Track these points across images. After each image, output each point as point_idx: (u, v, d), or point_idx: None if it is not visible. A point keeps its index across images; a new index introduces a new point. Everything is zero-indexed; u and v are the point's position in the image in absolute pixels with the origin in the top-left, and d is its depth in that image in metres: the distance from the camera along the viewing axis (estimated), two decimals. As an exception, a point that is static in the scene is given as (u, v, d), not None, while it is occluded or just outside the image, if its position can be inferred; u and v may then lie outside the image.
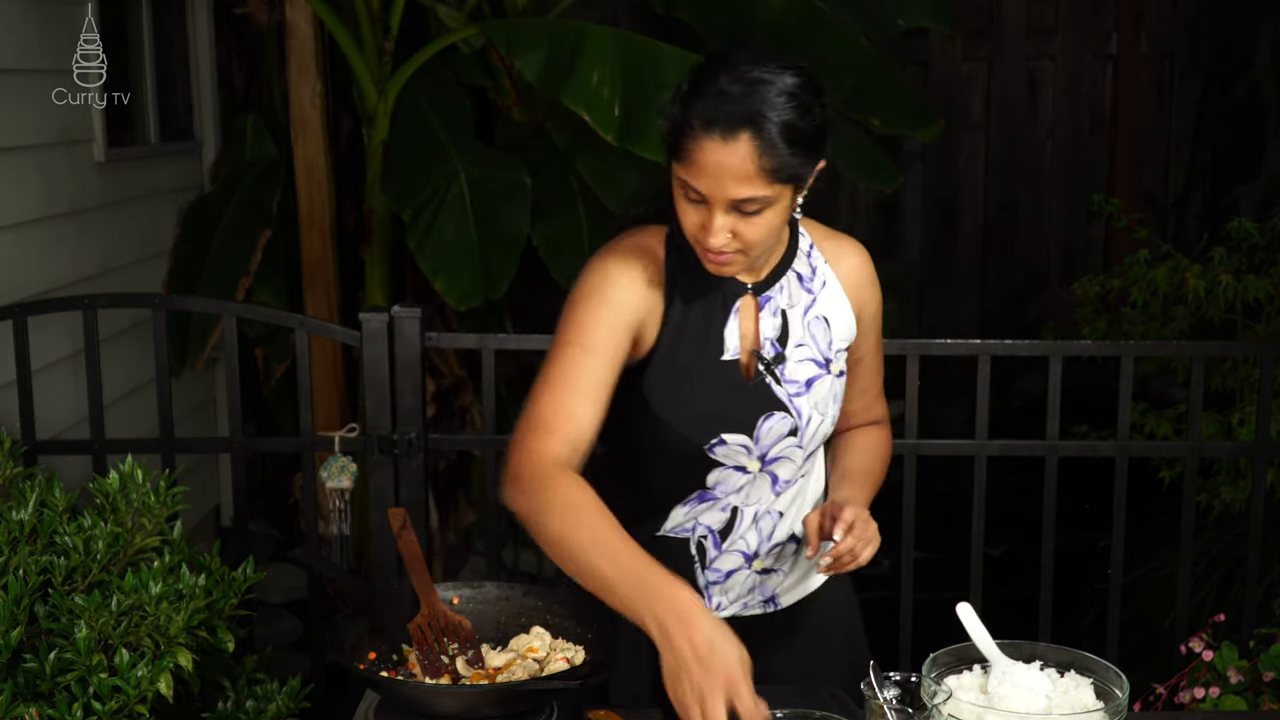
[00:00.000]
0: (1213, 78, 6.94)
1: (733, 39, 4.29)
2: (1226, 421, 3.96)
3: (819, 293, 1.88)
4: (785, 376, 1.83)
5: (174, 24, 4.80)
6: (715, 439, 1.81)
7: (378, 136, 4.31)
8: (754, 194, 1.66)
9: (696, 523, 1.88)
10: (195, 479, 4.28)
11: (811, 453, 1.90)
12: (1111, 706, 1.58)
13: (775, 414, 1.82)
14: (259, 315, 3.45)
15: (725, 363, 1.82)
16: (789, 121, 1.64)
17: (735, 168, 1.64)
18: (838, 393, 1.88)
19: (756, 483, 1.87)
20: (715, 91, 1.65)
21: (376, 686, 1.68)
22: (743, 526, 1.89)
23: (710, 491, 1.86)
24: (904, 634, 3.01)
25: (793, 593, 1.98)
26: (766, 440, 1.83)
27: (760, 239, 1.71)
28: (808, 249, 1.90)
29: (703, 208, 1.69)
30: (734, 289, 1.83)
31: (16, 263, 3.57)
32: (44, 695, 1.55)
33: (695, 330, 1.81)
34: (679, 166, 1.69)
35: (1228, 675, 2.23)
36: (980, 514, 2.99)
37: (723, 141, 1.63)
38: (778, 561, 1.94)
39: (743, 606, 1.95)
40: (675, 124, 1.68)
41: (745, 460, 1.84)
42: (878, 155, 4.49)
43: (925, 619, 2.89)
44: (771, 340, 1.84)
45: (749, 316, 1.84)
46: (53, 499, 1.78)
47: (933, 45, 6.97)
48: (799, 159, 1.67)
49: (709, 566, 1.90)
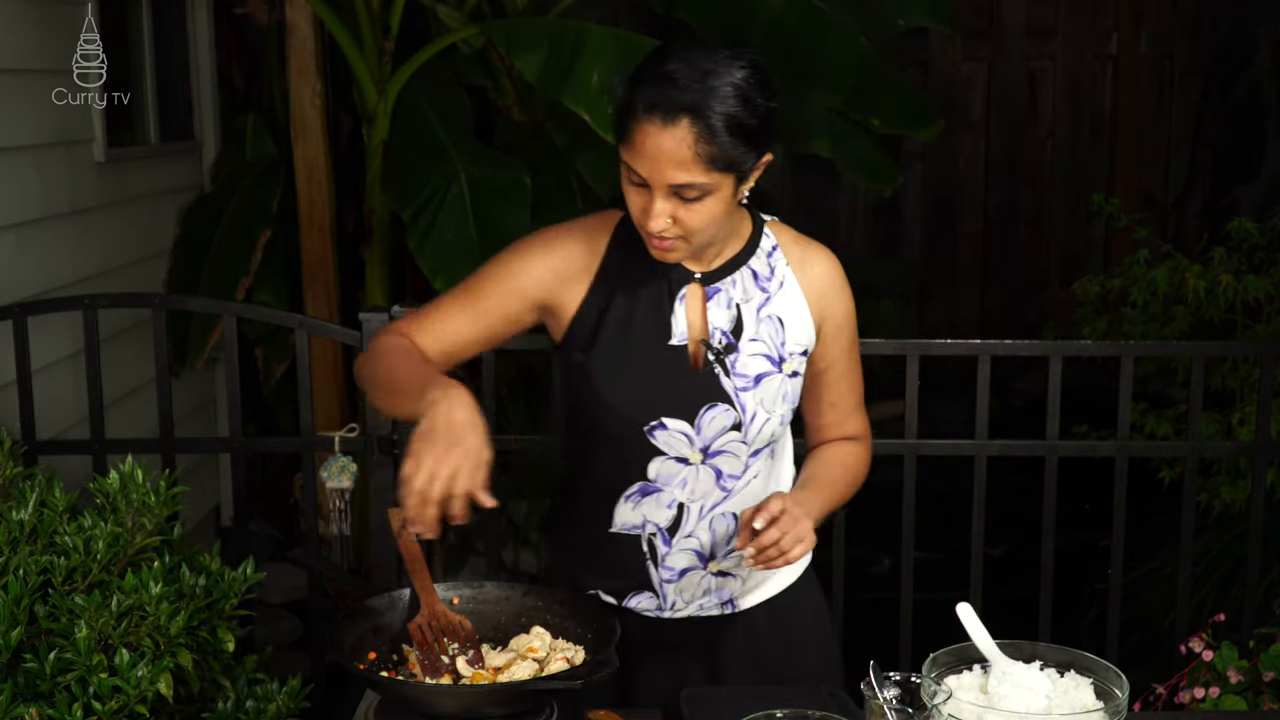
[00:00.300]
0: (1213, 78, 6.94)
1: (733, 39, 4.29)
2: (1226, 421, 3.96)
3: (775, 293, 1.88)
4: (735, 369, 1.84)
5: (174, 24, 4.80)
6: (655, 421, 1.82)
7: (378, 136, 4.31)
8: (691, 180, 1.69)
9: (645, 520, 1.89)
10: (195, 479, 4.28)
11: (759, 451, 1.89)
12: (1111, 706, 1.58)
13: (719, 405, 1.83)
14: (259, 315, 3.45)
15: (672, 348, 1.84)
16: (731, 112, 1.67)
17: (673, 152, 1.67)
18: (788, 393, 1.88)
19: (700, 476, 1.86)
20: (662, 77, 1.68)
21: (376, 686, 1.68)
22: (690, 523, 1.88)
23: (653, 484, 1.87)
24: (904, 634, 3.01)
25: (751, 595, 1.97)
26: (708, 431, 1.84)
27: (700, 226, 1.74)
28: (769, 249, 1.90)
29: (645, 191, 1.72)
30: (680, 276, 1.85)
31: (16, 263, 3.57)
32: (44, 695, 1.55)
33: (642, 315, 1.84)
34: (623, 149, 1.72)
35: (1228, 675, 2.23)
36: (980, 514, 2.99)
37: (663, 126, 1.67)
38: (736, 567, 1.92)
39: (699, 608, 1.94)
40: (621, 107, 1.72)
41: (687, 451, 1.84)
42: (878, 155, 4.49)
43: (925, 619, 2.89)
44: (724, 331, 1.85)
45: (696, 305, 1.86)
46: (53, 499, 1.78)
47: (933, 45, 6.97)
48: (739, 149, 1.69)
49: (661, 564, 1.90)
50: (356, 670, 1.65)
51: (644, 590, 1.92)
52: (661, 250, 1.77)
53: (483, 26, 4.22)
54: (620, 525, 1.90)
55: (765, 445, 1.89)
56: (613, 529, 1.90)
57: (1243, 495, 3.82)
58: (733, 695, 1.80)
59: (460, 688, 1.66)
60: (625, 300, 1.84)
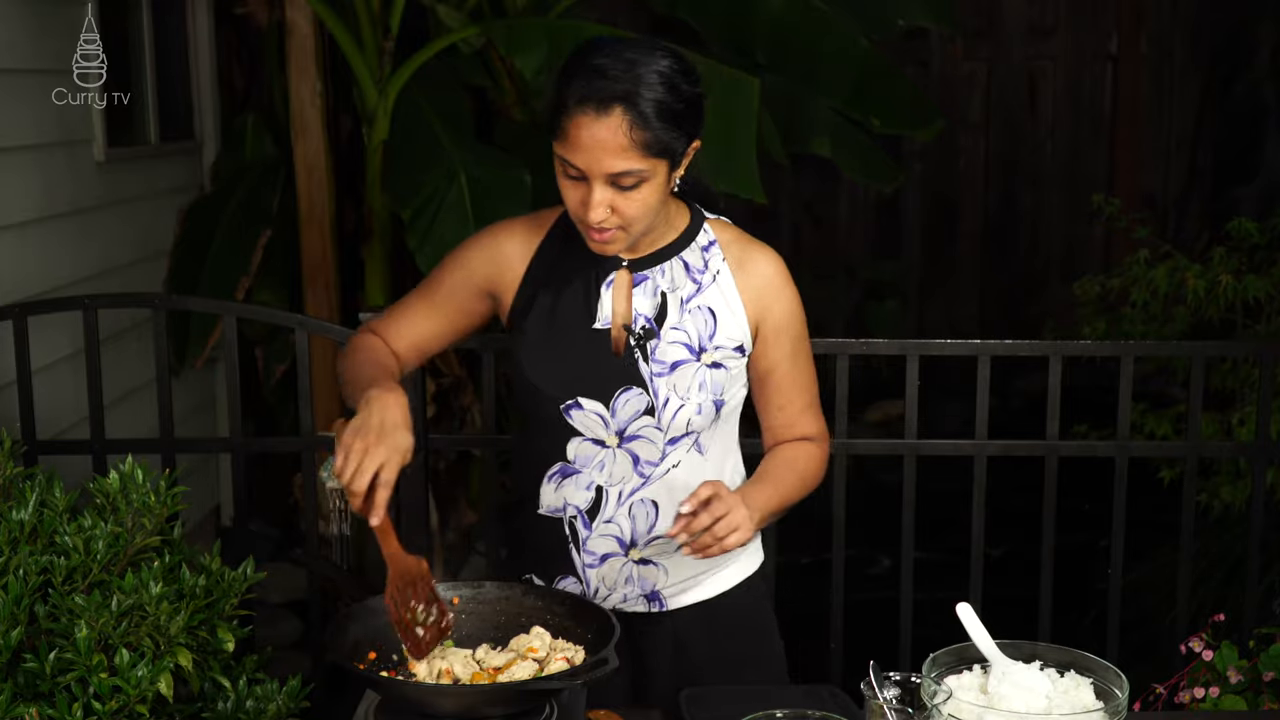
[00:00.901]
0: (1213, 78, 6.95)
1: (732, 39, 4.30)
2: (1226, 421, 3.96)
3: (707, 285, 1.92)
4: (654, 355, 1.89)
5: (174, 24, 4.80)
6: (571, 400, 1.88)
7: (378, 136, 4.31)
8: (628, 167, 1.74)
9: (566, 502, 1.94)
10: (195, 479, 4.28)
11: (677, 440, 1.91)
12: (1111, 706, 1.58)
13: (633, 389, 1.88)
14: (259, 315, 3.45)
15: (595, 331, 1.90)
16: (659, 98, 1.73)
17: (609, 141, 1.72)
18: (705, 382, 1.89)
19: (617, 461, 1.91)
20: (590, 70, 1.74)
21: (376, 686, 1.68)
22: (609, 508, 1.92)
23: (571, 465, 1.92)
24: (904, 634, 3.01)
25: (681, 596, 1.99)
26: (623, 414, 1.88)
27: (638, 214, 1.79)
28: (706, 244, 1.94)
29: (582, 184, 1.78)
30: (610, 263, 1.91)
31: (16, 263, 3.57)
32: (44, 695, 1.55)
33: (570, 299, 1.90)
34: (557, 144, 1.77)
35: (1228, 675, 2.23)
36: (980, 514, 2.99)
37: (596, 116, 1.72)
38: (658, 556, 1.95)
39: (623, 599, 1.97)
40: (552, 102, 1.77)
41: (603, 433, 1.89)
42: (878, 155, 4.49)
43: (925, 619, 2.89)
44: (647, 317, 1.90)
45: (622, 292, 1.91)
46: (53, 499, 1.78)
47: (933, 45, 6.98)
48: (670, 134, 1.75)
49: (583, 548, 1.95)
50: (356, 670, 1.65)
51: (569, 575, 1.97)
52: (601, 243, 1.82)
53: (483, 26, 4.22)
54: (545, 507, 1.96)
55: (684, 434, 1.91)
56: (539, 510, 1.97)
57: (1243, 495, 3.82)
58: (733, 695, 1.80)
59: (460, 688, 1.66)
60: (556, 285, 1.91)
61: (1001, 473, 3.15)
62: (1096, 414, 4.05)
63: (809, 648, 2.79)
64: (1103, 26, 7.01)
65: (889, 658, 2.80)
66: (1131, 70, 7.00)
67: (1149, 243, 4.31)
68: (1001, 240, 7.24)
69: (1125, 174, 7.03)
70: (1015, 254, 7.25)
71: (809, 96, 4.32)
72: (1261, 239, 4.15)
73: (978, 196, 7.22)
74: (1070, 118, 7.10)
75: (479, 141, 4.48)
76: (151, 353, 3.00)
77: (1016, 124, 7.13)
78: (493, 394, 2.98)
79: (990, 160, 7.19)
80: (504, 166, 4.15)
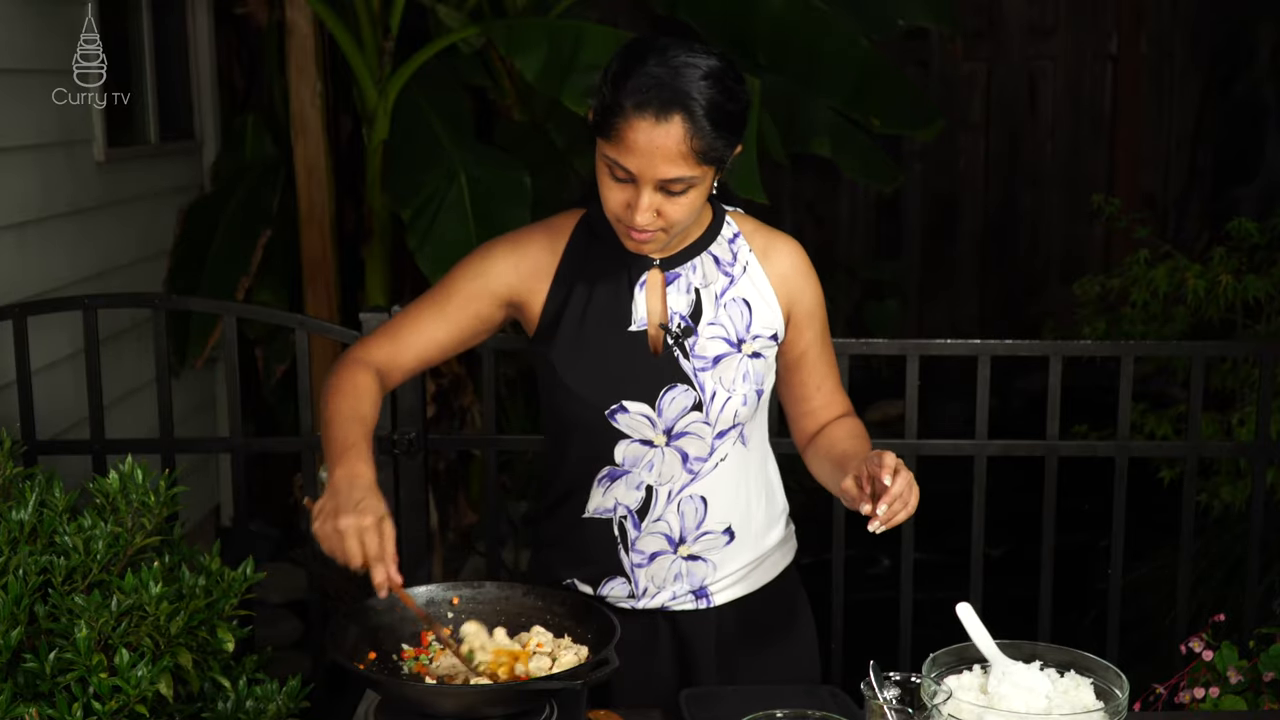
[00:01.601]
0: (1213, 78, 6.95)
1: (732, 39, 4.29)
2: (1226, 421, 3.95)
3: (739, 277, 1.92)
4: (694, 352, 1.88)
5: (174, 24, 4.80)
6: (616, 405, 1.86)
7: (378, 136, 4.31)
8: (682, 174, 1.73)
9: (617, 503, 1.92)
10: (195, 479, 4.28)
11: (725, 433, 1.90)
12: (1111, 706, 1.58)
13: (678, 386, 1.86)
14: (259, 315, 3.45)
15: (632, 333, 1.88)
16: (716, 103, 1.72)
17: (668, 148, 1.71)
18: (749, 373, 1.89)
19: (666, 459, 1.89)
20: (645, 74, 1.71)
21: (376, 686, 1.68)
22: (659, 506, 1.91)
23: (620, 467, 1.90)
24: (904, 634, 3.00)
25: (728, 590, 1.98)
26: (670, 413, 1.87)
27: (682, 218, 1.78)
28: (731, 236, 1.94)
29: (630, 186, 1.76)
30: (641, 264, 1.89)
31: (16, 263, 3.57)
32: (44, 695, 1.55)
33: (602, 303, 1.88)
34: (608, 146, 1.75)
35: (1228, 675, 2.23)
36: (980, 514, 2.99)
37: (655, 122, 1.70)
38: (707, 551, 1.94)
39: (671, 596, 1.96)
40: (606, 105, 1.74)
41: (650, 433, 1.88)
42: (878, 155, 4.49)
43: (925, 619, 2.89)
44: (683, 315, 1.89)
45: (656, 292, 1.90)
46: (53, 499, 1.78)
47: (933, 45, 6.98)
48: (724, 141, 1.75)
49: (632, 548, 1.94)
50: (356, 670, 1.65)
51: (616, 576, 1.95)
52: (639, 242, 1.81)
53: (483, 26, 4.22)
54: (592, 510, 1.94)
55: (731, 427, 1.91)
56: (585, 514, 1.95)
57: (1243, 495, 3.82)
58: (733, 695, 1.80)
59: (460, 688, 1.66)
60: (586, 290, 1.89)
61: (1001, 473, 3.15)
62: (1096, 414, 4.05)
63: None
64: (1103, 26, 7.02)
65: (889, 658, 2.81)
66: (1131, 70, 7.00)
67: (1149, 243, 4.30)
68: (1001, 240, 7.24)
69: (1125, 174, 7.04)
70: (1015, 254, 7.25)
71: (809, 96, 4.32)
72: (1261, 239, 4.15)
73: (978, 196, 7.22)
74: (1070, 118, 7.10)
75: (479, 141, 4.48)
76: (151, 353, 3.00)
77: (1016, 124, 7.13)
78: (493, 394, 2.97)
79: (990, 160, 7.19)
80: (504, 166, 4.15)
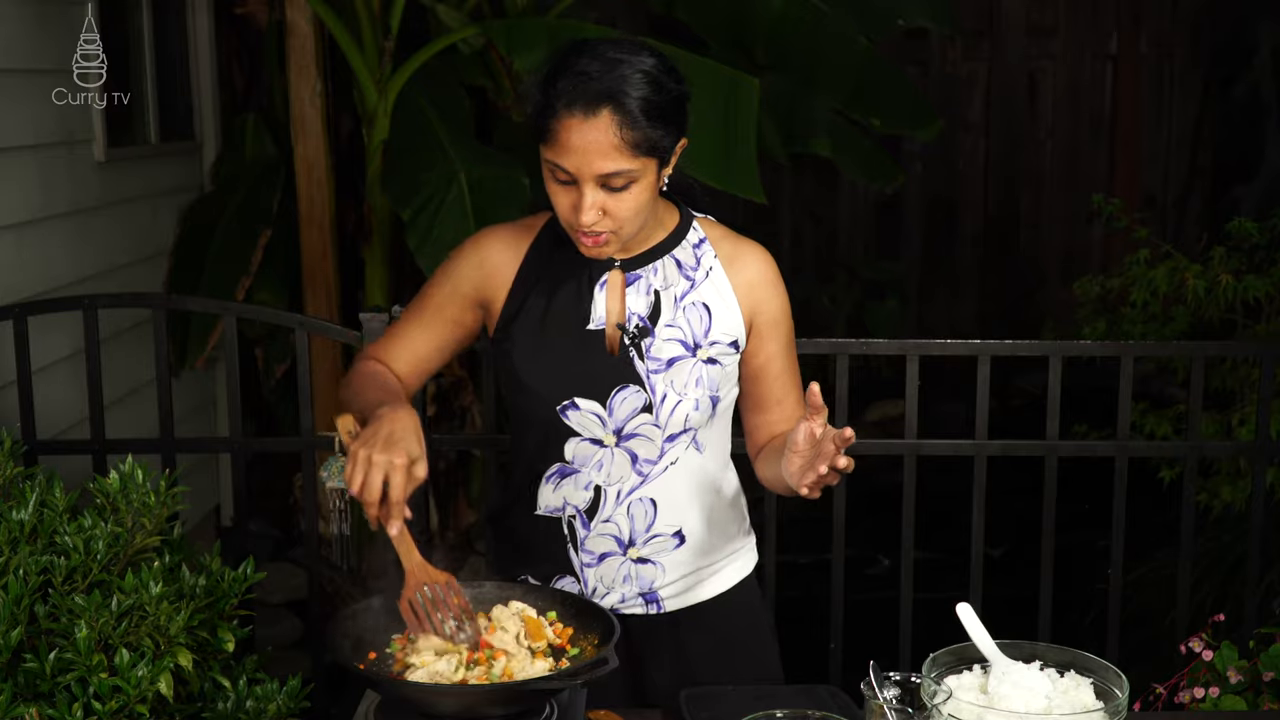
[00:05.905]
0: (1213, 78, 6.95)
1: (732, 39, 4.30)
2: (1226, 421, 3.95)
3: (700, 282, 1.92)
4: (649, 353, 1.89)
5: (174, 24, 4.80)
6: (568, 401, 1.87)
7: (378, 136, 4.31)
8: (619, 167, 1.74)
9: (565, 502, 1.94)
10: (195, 479, 4.28)
11: (675, 437, 1.91)
12: (1111, 706, 1.58)
13: (629, 387, 1.88)
14: (259, 315, 3.45)
15: (589, 332, 1.89)
16: (645, 96, 1.74)
17: (600, 142, 1.72)
18: (703, 378, 1.90)
19: (615, 459, 1.91)
20: (576, 72, 1.74)
21: (376, 686, 1.68)
22: (608, 507, 1.93)
23: (569, 465, 1.92)
24: (904, 634, 3.01)
25: (679, 597, 1.98)
26: (620, 413, 1.88)
27: (630, 215, 1.79)
28: (696, 241, 1.95)
29: (572, 188, 1.77)
30: (602, 264, 1.91)
31: (16, 263, 3.57)
32: (44, 695, 1.55)
33: (563, 302, 1.90)
34: (545, 149, 1.77)
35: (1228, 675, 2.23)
36: (980, 514, 2.99)
37: (585, 118, 1.72)
38: (656, 554, 1.95)
39: (620, 599, 1.97)
40: (539, 107, 1.76)
41: (600, 433, 1.89)
42: (878, 155, 4.49)
43: (925, 619, 2.89)
44: (641, 316, 1.90)
45: (616, 292, 1.91)
46: (53, 499, 1.78)
47: (933, 45, 6.98)
48: (660, 131, 1.76)
49: (581, 548, 1.95)
50: (356, 670, 1.65)
51: (566, 575, 1.97)
52: (593, 247, 1.82)
53: (483, 26, 4.22)
54: (543, 507, 1.96)
55: (682, 431, 1.91)
56: (537, 511, 1.97)
57: (1243, 495, 3.82)
58: (733, 695, 1.80)
59: (460, 688, 1.66)
60: (547, 289, 1.91)
61: (1001, 473, 3.15)
62: (1096, 414, 4.05)
63: (809, 648, 2.79)
64: (1103, 26, 7.02)
65: (889, 658, 2.80)
66: (1131, 70, 7.00)
67: (1149, 243, 4.30)
68: (1001, 240, 7.24)
69: (1125, 174, 7.04)
70: (1015, 254, 7.25)
71: (809, 96, 4.32)
72: (1261, 239, 4.15)
73: (977, 196, 7.22)
74: (1070, 118, 7.10)
75: (479, 141, 4.48)
76: (151, 353, 3.00)
77: (1016, 124, 7.13)
78: (493, 394, 2.98)
79: (990, 160, 7.19)
80: (504, 166, 4.16)
